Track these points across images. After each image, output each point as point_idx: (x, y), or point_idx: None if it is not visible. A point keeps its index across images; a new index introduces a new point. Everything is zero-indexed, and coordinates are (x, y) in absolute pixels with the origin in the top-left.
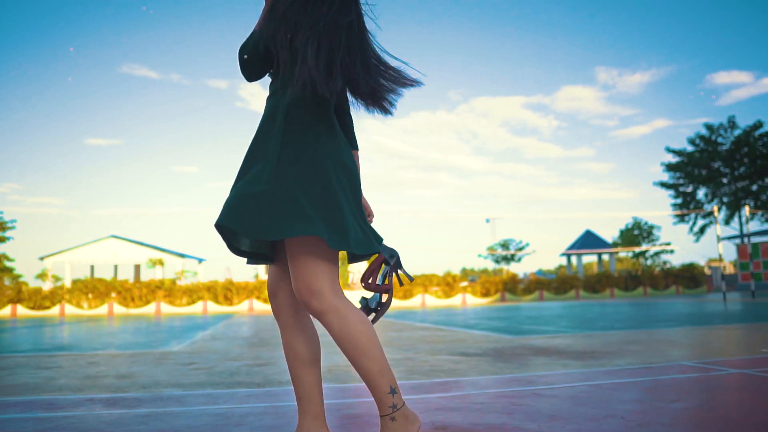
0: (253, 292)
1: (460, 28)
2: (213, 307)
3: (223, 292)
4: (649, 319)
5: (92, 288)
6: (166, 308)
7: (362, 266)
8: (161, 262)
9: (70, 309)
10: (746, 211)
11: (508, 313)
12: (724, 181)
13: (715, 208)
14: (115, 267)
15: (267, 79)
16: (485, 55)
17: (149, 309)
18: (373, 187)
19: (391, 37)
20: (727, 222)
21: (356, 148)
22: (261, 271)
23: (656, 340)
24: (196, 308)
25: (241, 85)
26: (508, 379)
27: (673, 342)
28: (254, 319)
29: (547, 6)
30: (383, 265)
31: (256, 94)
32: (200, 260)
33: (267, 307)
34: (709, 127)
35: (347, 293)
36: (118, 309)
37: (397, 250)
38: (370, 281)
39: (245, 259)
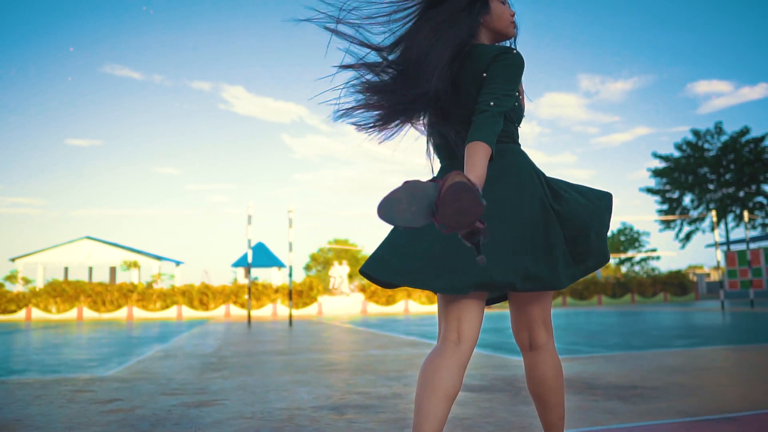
0: (229, 296)
1: None
2: (188, 312)
3: (198, 296)
4: (666, 335)
5: (61, 291)
6: (139, 313)
7: (343, 271)
8: (136, 265)
9: (37, 313)
10: (745, 216)
11: (499, 323)
12: (711, 187)
13: (713, 213)
14: (90, 269)
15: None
16: None
17: (121, 314)
18: (355, 191)
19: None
20: (713, 229)
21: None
22: (240, 275)
23: (699, 368)
24: (170, 313)
25: (224, 87)
26: None
27: (722, 369)
28: (227, 326)
29: (532, 13)
30: None
31: (240, 97)
32: (178, 263)
33: (243, 313)
34: (696, 132)
35: (328, 298)
36: (89, 313)
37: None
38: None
39: (230, 263)
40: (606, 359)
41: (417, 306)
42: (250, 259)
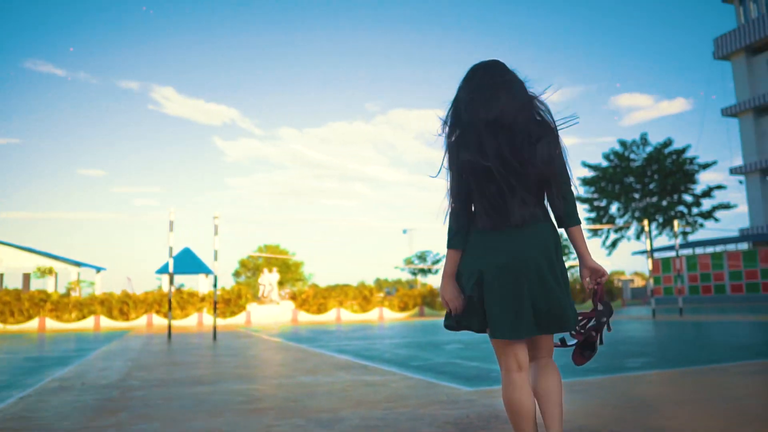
0: (152, 305)
1: (378, 40)
2: (107, 323)
3: (118, 305)
4: (615, 353)
5: None
6: (53, 324)
7: (273, 278)
8: (51, 271)
9: None
10: (676, 225)
11: (437, 336)
12: (636, 196)
13: (645, 222)
14: (1, 276)
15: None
16: (403, 68)
17: (31, 325)
18: (288, 196)
19: (311, 46)
20: (638, 237)
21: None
22: (164, 283)
23: (673, 401)
24: (87, 324)
25: (153, 88)
26: None
27: (699, 403)
28: (146, 340)
29: (462, 25)
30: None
31: (170, 98)
32: (99, 269)
33: (166, 322)
34: (623, 143)
35: (256, 306)
36: None
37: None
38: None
39: (153, 270)
40: (578, 387)
41: (349, 314)
42: (171, 269)
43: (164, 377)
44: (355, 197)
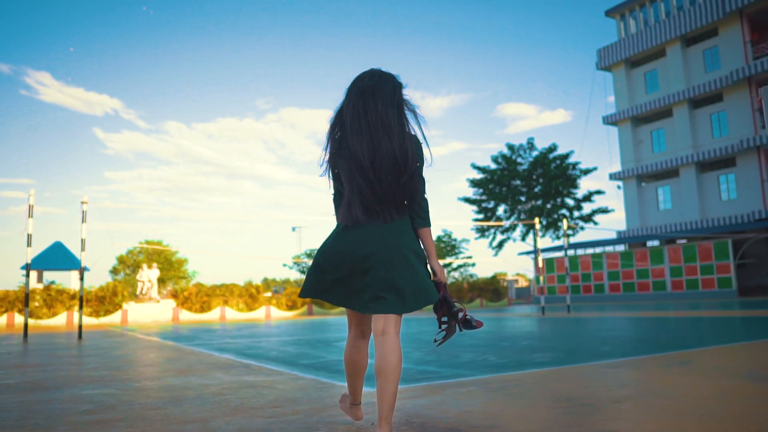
0: (14, 303)
1: (272, 38)
2: None
3: None
4: (518, 348)
5: None
6: None
7: (152, 275)
8: None
9: None
10: (564, 225)
11: (328, 333)
12: (522, 199)
13: (537, 221)
14: None
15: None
16: (296, 67)
17: None
18: (173, 192)
19: (202, 40)
20: (523, 238)
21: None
22: (33, 279)
23: (603, 398)
24: None
25: (27, 72)
26: None
27: (633, 399)
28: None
29: (356, 29)
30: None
31: (46, 84)
32: None
33: (31, 321)
34: (510, 147)
35: (134, 305)
36: None
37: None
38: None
39: (20, 266)
40: (480, 386)
41: (234, 313)
42: (28, 259)
43: None
44: (243, 195)
